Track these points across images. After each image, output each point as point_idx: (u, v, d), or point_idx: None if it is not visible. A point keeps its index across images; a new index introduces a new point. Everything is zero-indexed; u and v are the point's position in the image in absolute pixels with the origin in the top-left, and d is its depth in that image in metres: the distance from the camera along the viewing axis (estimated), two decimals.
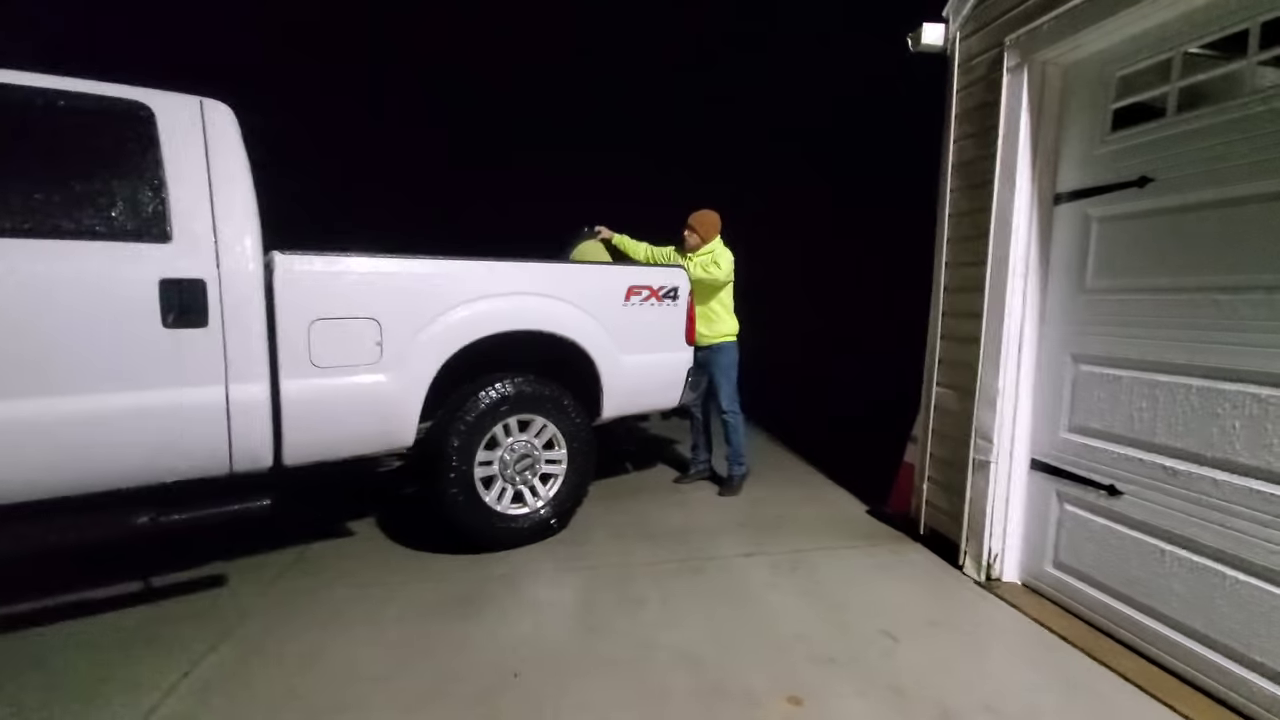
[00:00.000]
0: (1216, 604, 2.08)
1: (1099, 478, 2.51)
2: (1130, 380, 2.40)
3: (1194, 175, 2.19)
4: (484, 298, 3.00)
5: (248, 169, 2.54)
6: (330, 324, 2.59)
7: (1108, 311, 2.50)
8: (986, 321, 2.92)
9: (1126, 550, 2.40)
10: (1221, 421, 2.08)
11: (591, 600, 2.68)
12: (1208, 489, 2.11)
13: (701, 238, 4.01)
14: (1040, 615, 2.61)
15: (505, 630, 2.43)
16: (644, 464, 4.93)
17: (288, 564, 3.01)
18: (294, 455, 2.60)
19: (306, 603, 2.64)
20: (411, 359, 2.78)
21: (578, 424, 3.35)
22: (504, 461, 3.16)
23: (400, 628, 2.44)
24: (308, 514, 3.63)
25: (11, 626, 2.41)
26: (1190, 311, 2.20)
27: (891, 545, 3.35)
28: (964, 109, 3.16)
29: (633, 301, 3.49)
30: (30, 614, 2.49)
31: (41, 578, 2.70)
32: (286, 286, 2.51)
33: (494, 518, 3.11)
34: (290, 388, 2.52)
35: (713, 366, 4.07)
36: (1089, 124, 2.62)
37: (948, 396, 3.24)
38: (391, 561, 3.04)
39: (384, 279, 2.74)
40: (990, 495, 2.90)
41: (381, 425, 2.75)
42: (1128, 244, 2.44)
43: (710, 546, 3.26)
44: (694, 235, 4.01)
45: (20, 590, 2.61)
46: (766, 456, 5.04)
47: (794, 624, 2.52)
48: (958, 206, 3.18)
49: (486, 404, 3.04)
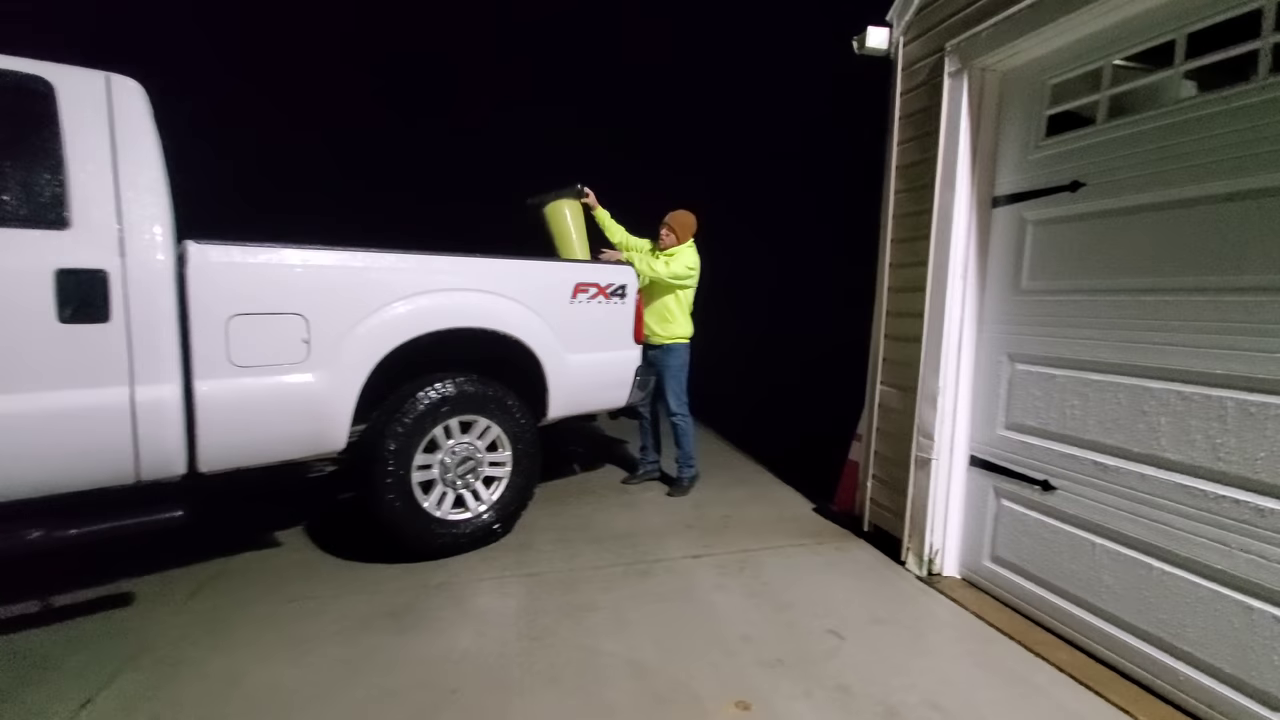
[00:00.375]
0: (1145, 595, 2.15)
1: (1034, 473, 2.58)
2: (1064, 379, 2.47)
3: (1123, 181, 2.27)
4: (423, 293, 2.85)
5: (159, 151, 2.35)
6: (251, 320, 2.41)
7: (1042, 312, 2.57)
8: (928, 321, 2.96)
9: (1060, 544, 2.47)
10: (1148, 418, 2.16)
11: (535, 608, 2.58)
12: (1136, 483, 2.19)
13: (678, 238, 3.98)
14: (979, 609, 2.67)
15: (443, 643, 2.31)
16: (591, 464, 4.84)
17: (207, 579, 2.80)
18: (210, 462, 2.40)
19: (226, 621, 2.44)
20: (342, 357, 2.62)
21: (523, 425, 3.24)
22: (444, 465, 3.02)
23: (330, 645, 2.28)
24: (229, 524, 3.40)
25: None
26: (1118, 312, 2.28)
27: (837, 542, 3.37)
28: (907, 113, 3.21)
29: (579, 299, 3.40)
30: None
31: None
32: (201, 279, 2.31)
33: (433, 524, 2.97)
34: (205, 389, 2.33)
35: (662, 367, 4.02)
36: (1024, 130, 2.69)
37: (891, 395, 3.28)
38: (322, 573, 2.86)
39: (312, 272, 2.57)
40: (932, 492, 2.95)
41: (309, 428, 2.57)
42: (1060, 246, 2.51)
43: (658, 549, 3.21)
44: (671, 235, 3.97)
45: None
46: (714, 455, 5.03)
47: (741, 625, 2.49)
48: (901, 208, 3.23)
49: (426, 405, 2.90)
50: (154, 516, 2.28)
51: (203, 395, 2.32)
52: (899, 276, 3.24)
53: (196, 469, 2.40)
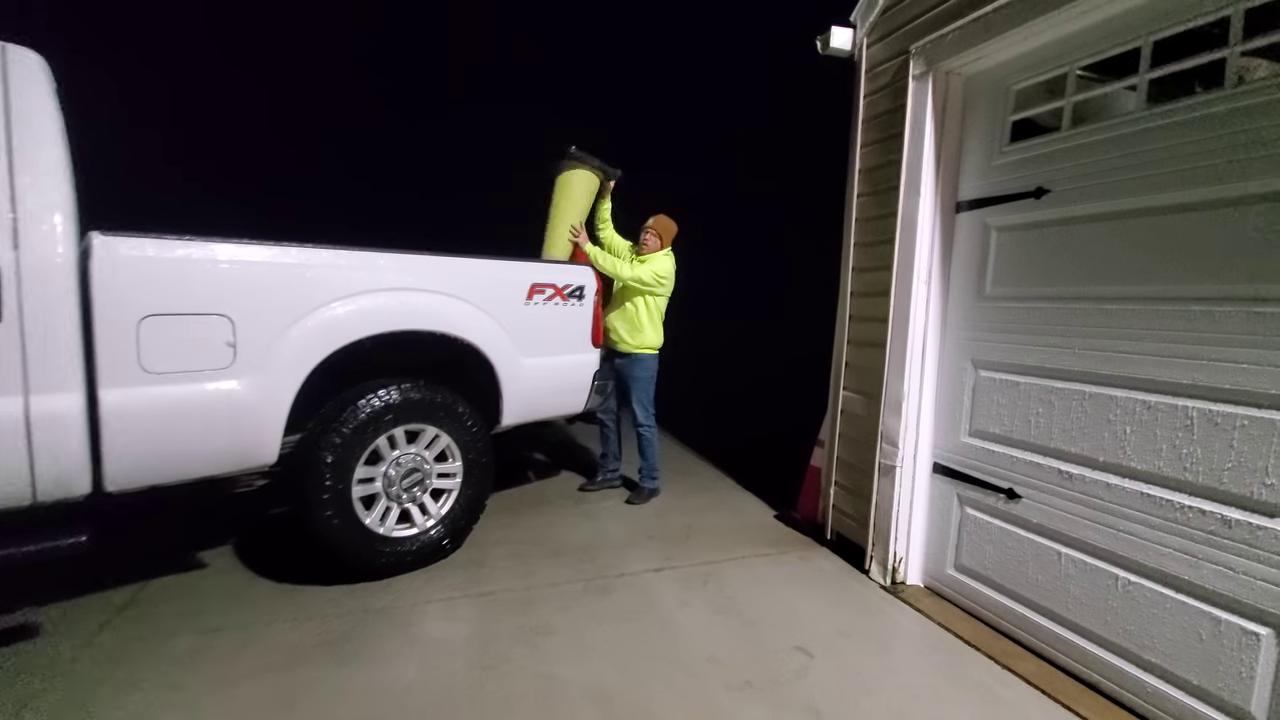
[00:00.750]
0: (1111, 606, 2.14)
1: (998, 481, 2.55)
2: (1028, 386, 2.45)
3: (1088, 188, 2.26)
4: (364, 293, 2.64)
5: (61, 131, 2.09)
6: (166, 321, 2.16)
7: (1007, 318, 2.55)
8: (892, 326, 2.92)
9: (1025, 553, 2.44)
10: (1113, 427, 2.15)
11: (488, 632, 2.41)
12: (1101, 492, 2.17)
13: (661, 243, 3.86)
14: (945, 619, 2.63)
15: (387, 676, 2.11)
16: (548, 472, 4.67)
17: (122, 606, 2.52)
18: (119, 480, 2.15)
19: (141, 655, 2.19)
20: (273, 363, 2.39)
21: (474, 433, 3.05)
22: (389, 478, 2.81)
23: (257, 681, 2.06)
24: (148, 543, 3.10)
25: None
26: (1083, 320, 2.26)
27: (800, 551, 3.31)
28: (870, 115, 3.17)
29: (535, 300, 3.24)
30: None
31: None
32: (107, 275, 2.06)
33: (376, 541, 2.76)
34: (111, 398, 2.07)
35: (628, 377, 3.89)
36: (988, 135, 2.67)
37: (854, 401, 3.24)
38: (251, 598, 2.61)
39: (238, 269, 2.33)
40: (896, 500, 2.91)
41: (234, 441, 2.33)
42: (1024, 253, 2.50)
43: (619, 563, 3.07)
44: (655, 239, 3.84)
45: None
46: (674, 461, 4.92)
47: (707, 645, 2.38)
48: (864, 211, 3.19)
49: (368, 413, 2.69)
50: (52, 543, 2.01)
51: (109, 406, 2.07)
52: (862, 281, 3.20)
53: (103, 488, 2.14)
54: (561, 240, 3.80)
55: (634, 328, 3.83)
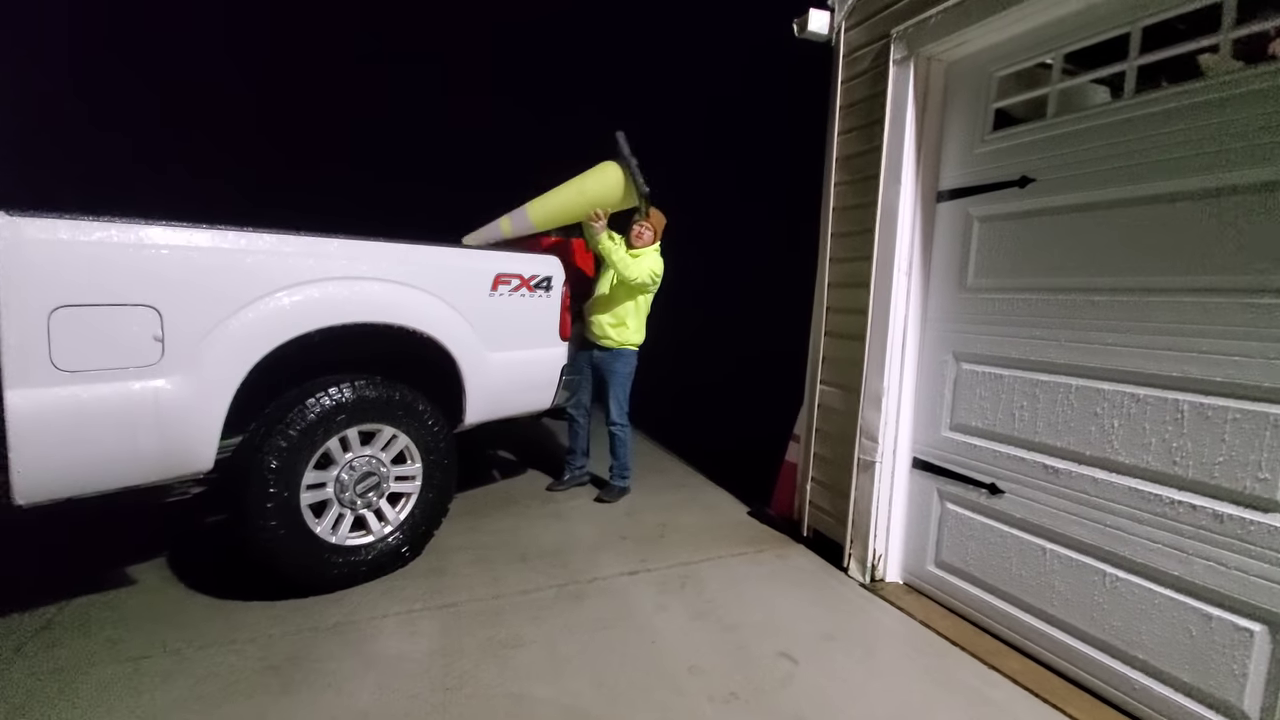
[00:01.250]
0: (1097, 601, 2.10)
1: (980, 476, 2.50)
2: (1011, 379, 2.40)
3: (1074, 177, 2.20)
4: (312, 282, 2.42)
5: None
6: (82, 313, 1.91)
7: (989, 310, 2.50)
8: (872, 318, 2.84)
9: (1008, 549, 2.40)
10: (1100, 421, 2.10)
11: (452, 647, 2.23)
12: (1088, 487, 2.13)
13: (654, 237, 3.68)
14: (926, 617, 2.57)
15: (338, 703, 1.92)
16: (514, 470, 4.48)
17: (34, 631, 2.24)
18: (30, 492, 1.89)
19: (54, 689, 1.93)
20: (208, 359, 2.15)
21: (435, 432, 2.86)
22: (341, 483, 2.59)
23: (188, 716, 1.84)
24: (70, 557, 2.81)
25: None
26: (1069, 312, 2.21)
27: (777, 549, 3.22)
28: (848, 102, 3.08)
29: (500, 291, 3.05)
30: None
31: None
32: (11, 260, 1.79)
33: (326, 551, 2.54)
34: (17, 399, 1.81)
35: (607, 372, 3.73)
36: (971, 122, 2.61)
37: (832, 395, 3.16)
38: (186, 617, 2.36)
39: (166, 255, 2.08)
40: (875, 496, 2.84)
41: (162, 447, 2.09)
42: (1008, 243, 2.44)
43: (591, 566, 2.93)
44: (649, 232, 3.65)
45: None
46: (644, 457, 4.79)
47: (688, 653, 2.25)
48: (843, 200, 3.10)
49: (317, 413, 2.47)
50: None
51: (14, 407, 1.80)
52: (840, 271, 3.12)
53: (11, 501, 1.87)
54: (558, 208, 3.48)
55: (620, 323, 3.66)
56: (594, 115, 9.64)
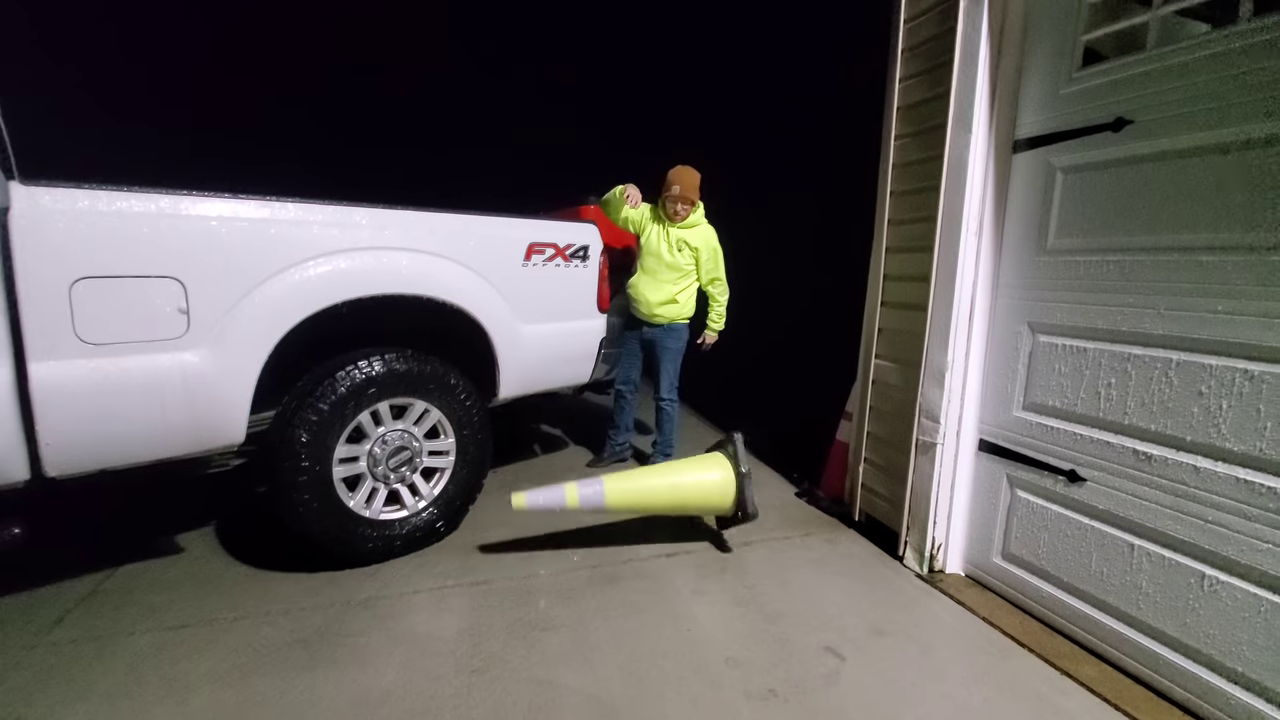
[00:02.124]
0: (1191, 605, 1.84)
1: (1058, 462, 2.24)
2: (1098, 353, 2.12)
3: (1180, 117, 1.88)
4: (339, 252, 2.35)
5: None
6: (104, 285, 1.88)
7: (1073, 274, 2.20)
8: (935, 285, 2.58)
9: (1088, 542, 2.15)
10: (1205, 401, 1.82)
11: (481, 628, 2.17)
12: (1186, 477, 1.86)
13: (693, 205, 3.42)
14: (990, 614, 2.35)
15: (363, 681, 1.88)
16: (555, 446, 4.42)
17: (81, 598, 2.31)
18: (60, 464, 1.90)
19: (94, 655, 1.97)
20: (234, 332, 2.11)
21: (468, 407, 2.78)
22: (373, 457, 2.56)
23: (217, 688, 1.84)
24: (121, 525, 2.90)
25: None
26: (1170, 275, 1.91)
27: (826, 534, 3.03)
28: (913, 43, 2.77)
29: (534, 261, 2.93)
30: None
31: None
32: (29, 230, 1.77)
33: (360, 525, 2.52)
34: (43, 373, 1.81)
35: (659, 348, 3.59)
36: (1055, 59, 2.28)
37: (888, 369, 2.91)
38: (224, 589, 2.39)
39: (189, 225, 2.03)
40: (935, 480, 2.61)
41: (192, 420, 2.07)
42: (1098, 197, 2.13)
43: (627, 546, 2.82)
44: (686, 206, 3.37)
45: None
46: (687, 432, 4.64)
47: (727, 644, 2.12)
48: (903, 155, 2.81)
49: (348, 387, 2.42)
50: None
51: (40, 381, 1.80)
52: (900, 234, 2.84)
53: (44, 473, 1.89)
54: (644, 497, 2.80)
55: (670, 300, 3.50)
56: (631, 75, 9.34)
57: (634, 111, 9.08)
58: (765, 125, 8.39)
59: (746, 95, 8.53)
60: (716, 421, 5.06)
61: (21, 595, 2.32)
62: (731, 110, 8.85)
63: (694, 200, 3.40)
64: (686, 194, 3.35)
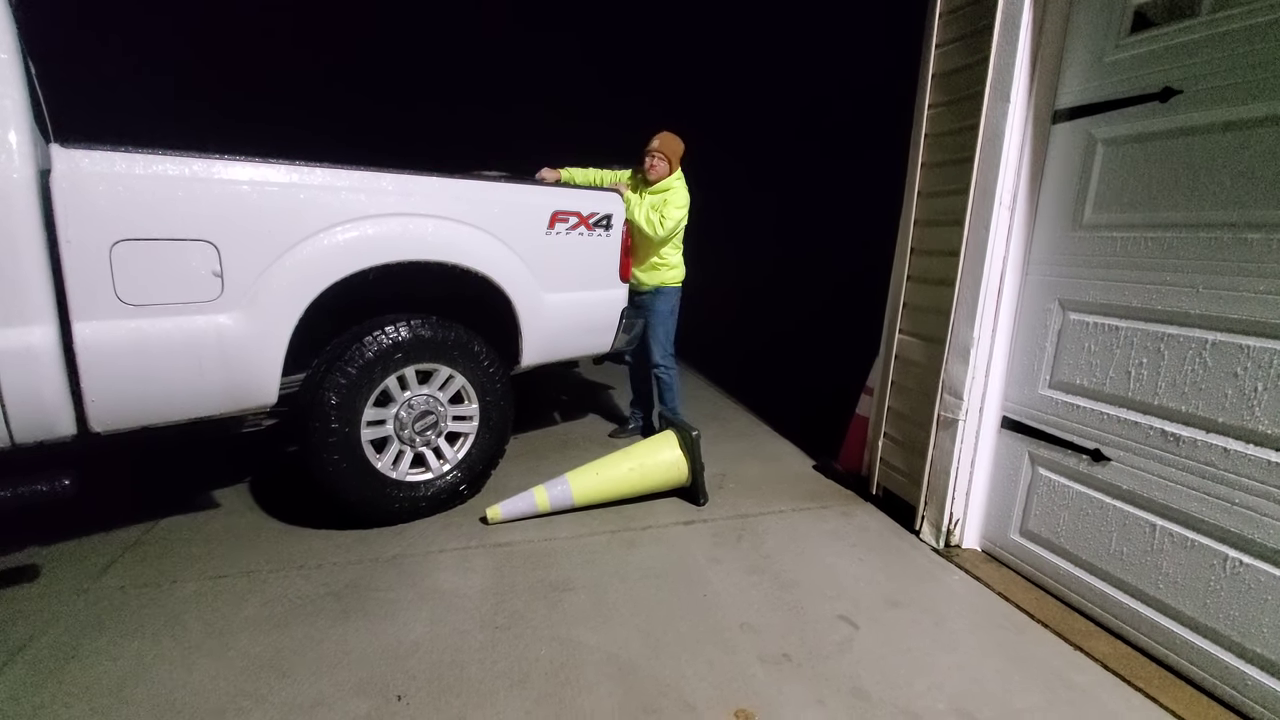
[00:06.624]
0: (1213, 587, 1.84)
1: (1083, 441, 2.22)
2: (1130, 331, 2.08)
3: (1234, 86, 1.81)
4: (367, 218, 2.37)
5: (13, 31, 1.80)
6: (142, 247, 1.93)
7: (1108, 251, 2.15)
8: (964, 260, 2.54)
9: (1109, 522, 2.14)
10: (1240, 383, 1.78)
11: (503, 587, 2.25)
12: (1216, 459, 1.83)
13: (670, 167, 3.42)
14: (1006, 589, 2.37)
15: (392, 633, 1.97)
16: (574, 414, 4.47)
17: (126, 548, 2.43)
18: (104, 420, 1.98)
19: (139, 602, 2.09)
20: (266, 295, 2.16)
21: (491, 373, 2.83)
22: (400, 420, 2.62)
23: (256, 634, 1.94)
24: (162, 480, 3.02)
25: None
26: (1212, 252, 1.86)
27: (842, 506, 3.06)
28: (950, 8, 2.67)
29: (557, 229, 2.93)
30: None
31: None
32: (70, 194, 1.82)
33: (388, 486, 2.60)
34: (87, 332, 1.88)
35: (649, 312, 3.59)
36: (1102, 24, 2.19)
37: (912, 345, 2.89)
38: (259, 543, 2.49)
39: (222, 189, 2.07)
40: (956, 456, 2.61)
41: (227, 380, 2.14)
42: (1140, 170, 2.07)
43: (645, 514, 2.87)
44: (662, 162, 3.39)
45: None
46: (706, 405, 4.67)
47: (741, 610, 2.17)
48: (937, 125, 2.74)
49: (375, 352, 2.47)
50: (32, 487, 1.87)
51: (84, 340, 1.87)
52: (930, 207, 2.79)
53: (89, 429, 1.98)
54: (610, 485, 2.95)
55: (653, 268, 3.51)
56: (641, 45, 9.13)
57: (672, 82, 8.89)
58: (798, 111, 8.23)
59: (782, 75, 8.34)
60: (735, 393, 5.06)
61: (71, 543, 2.44)
62: (766, 92, 8.68)
63: (669, 159, 3.40)
64: (661, 148, 3.38)
